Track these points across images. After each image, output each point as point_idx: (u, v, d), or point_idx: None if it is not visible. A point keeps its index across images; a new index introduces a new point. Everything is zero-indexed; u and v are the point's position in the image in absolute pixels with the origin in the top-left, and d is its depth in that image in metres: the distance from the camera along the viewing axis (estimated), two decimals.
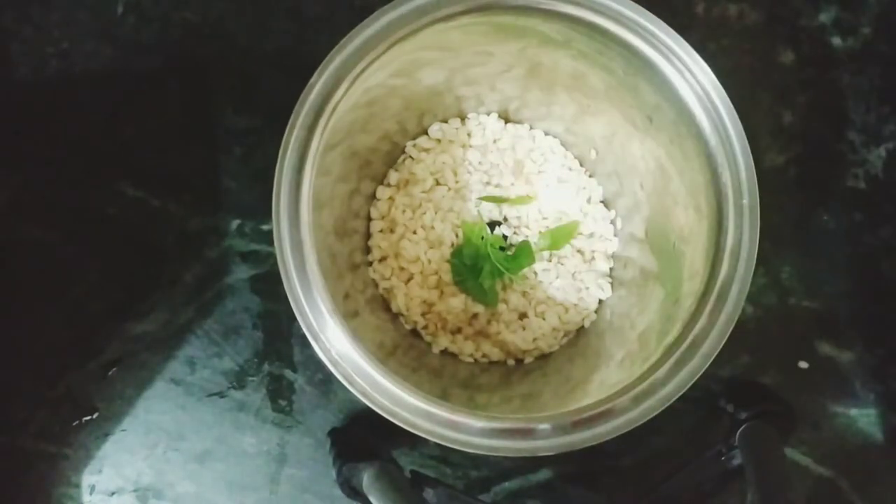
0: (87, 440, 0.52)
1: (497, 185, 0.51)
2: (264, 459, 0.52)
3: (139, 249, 0.54)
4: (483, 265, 0.48)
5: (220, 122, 0.54)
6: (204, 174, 0.54)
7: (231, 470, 0.52)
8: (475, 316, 0.49)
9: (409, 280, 0.49)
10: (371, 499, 0.44)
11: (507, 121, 0.52)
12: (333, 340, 0.37)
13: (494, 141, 0.51)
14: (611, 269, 0.50)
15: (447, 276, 0.49)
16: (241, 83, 0.55)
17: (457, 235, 0.50)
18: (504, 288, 0.50)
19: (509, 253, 0.50)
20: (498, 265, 0.48)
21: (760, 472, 0.45)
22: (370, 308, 0.47)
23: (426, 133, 0.51)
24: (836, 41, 0.56)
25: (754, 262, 0.37)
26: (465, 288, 0.49)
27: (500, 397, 0.45)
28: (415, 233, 0.49)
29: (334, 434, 0.52)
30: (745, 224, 0.38)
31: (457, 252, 0.49)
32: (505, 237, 0.51)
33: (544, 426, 0.36)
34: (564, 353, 0.49)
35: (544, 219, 0.51)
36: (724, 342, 0.37)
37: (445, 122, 0.51)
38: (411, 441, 0.52)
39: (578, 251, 0.50)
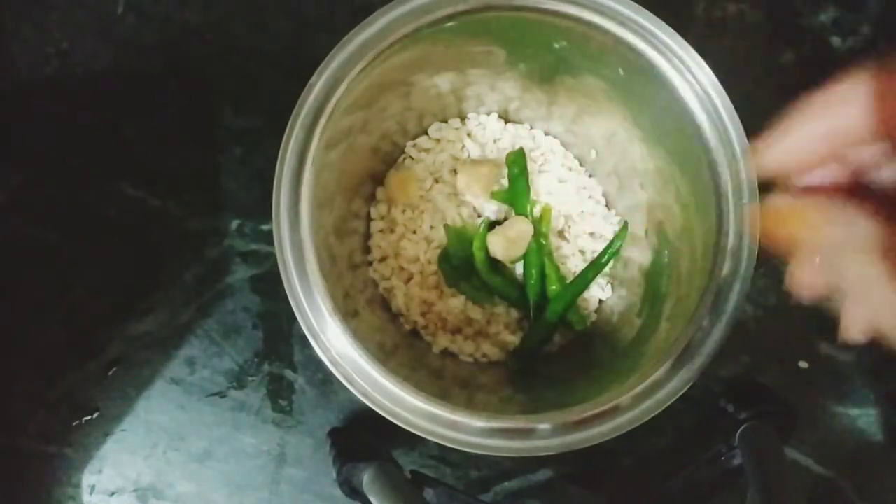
0: (87, 440, 0.52)
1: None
2: (264, 459, 0.52)
3: (139, 249, 0.54)
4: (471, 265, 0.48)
5: (220, 122, 0.54)
6: (204, 174, 0.54)
7: (231, 470, 0.52)
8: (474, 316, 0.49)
9: (408, 280, 0.49)
10: (371, 499, 0.44)
11: (507, 121, 0.52)
12: (333, 340, 0.37)
13: (494, 141, 0.51)
14: (611, 269, 0.50)
15: None
16: (241, 83, 0.55)
17: None
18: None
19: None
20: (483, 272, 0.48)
21: (760, 472, 0.45)
22: (370, 308, 0.47)
23: (426, 133, 0.51)
24: (836, 41, 0.56)
25: (754, 262, 0.37)
26: (458, 289, 0.49)
27: (500, 397, 0.45)
28: (414, 232, 0.49)
29: (334, 434, 0.52)
30: (745, 224, 0.38)
31: (444, 255, 0.49)
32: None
33: (544, 426, 0.36)
34: (564, 353, 0.49)
35: None
36: (724, 342, 0.37)
37: (445, 122, 0.51)
38: (411, 441, 0.52)
39: (579, 251, 0.50)
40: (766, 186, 0.22)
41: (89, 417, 0.52)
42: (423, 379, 0.43)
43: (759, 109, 0.54)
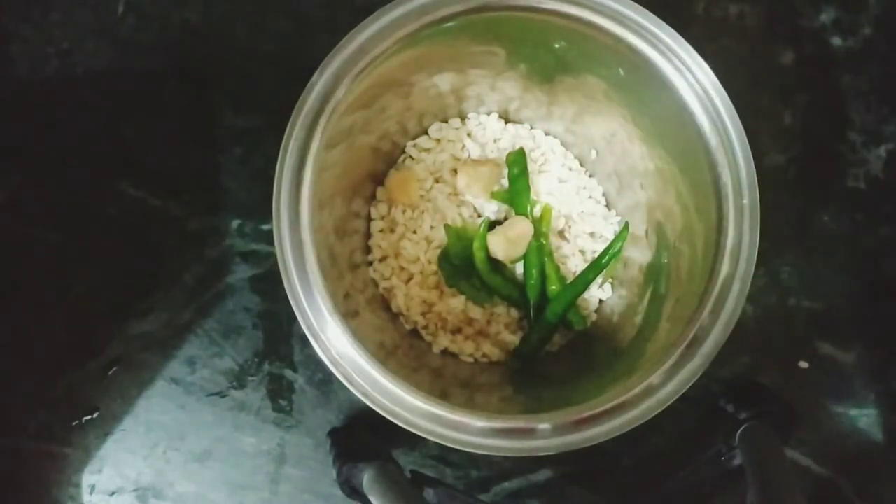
0: (87, 440, 0.52)
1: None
2: (264, 459, 0.52)
3: (139, 249, 0.54)
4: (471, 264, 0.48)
5: (220, 122, 0.54)
6: (204, 174, 0.54)
7: (231, 470, 0.52)
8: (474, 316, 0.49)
9: (409, 280, 0.49)
10: (371, 499, 0.44)
11: (507, 121, 0.52)
12: (333, 340, 0.37)
13: (495, 141, 0.51)
14: (610, 269, 0.50)
15: None
16: (241, 83, 0.55)
17: None
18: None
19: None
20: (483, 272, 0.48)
21: (760, 472, 0.45)
22: (370, 308, 0.47)
23: (426, 133, 0.51)
24: (836, 41, 0.56)
25: (754, 262, 0.37)
26: (458, 289, 0.49)
27: (500, 397, 0.45)
28: (415, 232, 0.49)
29: (334, 434, 0.52)
30: (745, 224, 0.38)
31: (444, 255, 0.49)
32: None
33: (544, 426, 0.36)
34: (564, 353, 0.49)
35: None
36: (724, 342, 0.37)
37: (446, 122, 0.51)
38: (411, 441, 0.52)
39: (579, 251, 0.50)
40: None
41: (89, 417, 0.52)
42: (423, 379, 0.43)
43: (759, 109, 0.55)
